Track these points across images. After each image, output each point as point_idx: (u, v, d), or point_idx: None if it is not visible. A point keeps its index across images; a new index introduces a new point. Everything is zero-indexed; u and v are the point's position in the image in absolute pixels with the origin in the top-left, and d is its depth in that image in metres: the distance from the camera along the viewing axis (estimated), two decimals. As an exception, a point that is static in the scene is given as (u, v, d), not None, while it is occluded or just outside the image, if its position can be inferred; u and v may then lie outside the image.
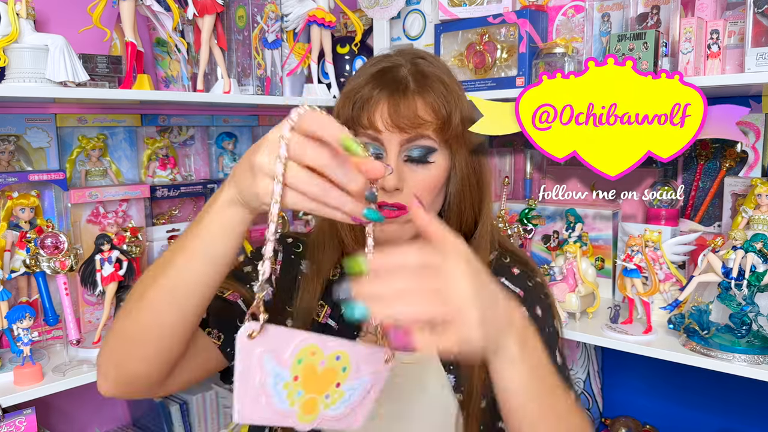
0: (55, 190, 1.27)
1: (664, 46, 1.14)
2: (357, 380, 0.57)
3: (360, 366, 0.57)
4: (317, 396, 0.56)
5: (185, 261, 0.65)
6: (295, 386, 0.55)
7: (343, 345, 0.56)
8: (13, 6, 1.05)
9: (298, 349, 0.54)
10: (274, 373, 0.54)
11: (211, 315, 0.88)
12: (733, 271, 1.04)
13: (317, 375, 0.55)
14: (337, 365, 0.56)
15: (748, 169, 1.34)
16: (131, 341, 0.70)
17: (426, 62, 0.87)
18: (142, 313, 0.68)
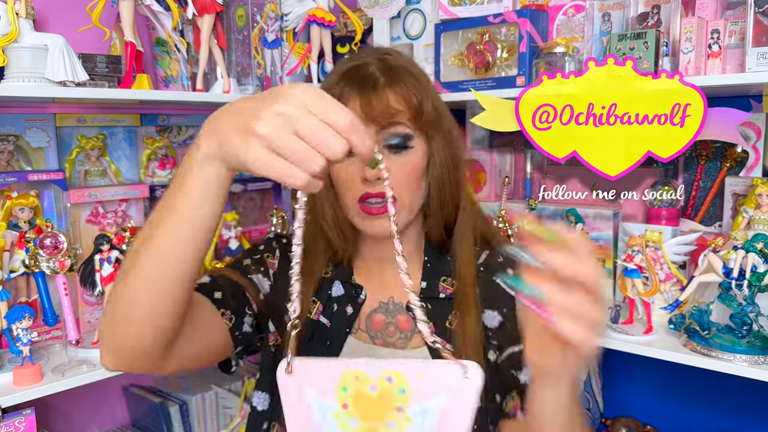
0: (55, 190, 1.27)
1: (664, 45, 1.14)
2: (425, 402, 0.50)
3: (423, 386, 0.50)
4: (377, 423, 0.51)
5: (172, 226, 0.64)
6: (346, 415, 0.51)
7: (393, 364, 0.51)
8: (13, 5, 1.04)
9: (338, 377, 0.51)
10: (318, 404, 0.52)
11: (225, 296, 0.89)
12: (734, 271, 1.04)
13: (371, 401, 0.51)
14: (391, 388, 0.51)
15: (749, 169, 1.33)
16: (124, 313, 0.69)
17: (392, 57, 0.90)
18: (132, 282, 0.67)
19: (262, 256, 0.99)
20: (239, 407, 1.51)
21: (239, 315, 0.90)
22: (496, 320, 0.90)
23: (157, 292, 0.67)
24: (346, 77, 0.87)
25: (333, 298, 0.94)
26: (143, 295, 0.67)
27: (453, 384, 0.49)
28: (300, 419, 0.52)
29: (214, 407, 1.57)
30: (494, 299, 0.91)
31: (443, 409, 0.50)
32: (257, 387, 0.97)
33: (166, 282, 0.66)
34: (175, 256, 0.65)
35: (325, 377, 0.52)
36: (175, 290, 0.68)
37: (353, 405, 0.51)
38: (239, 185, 1.55)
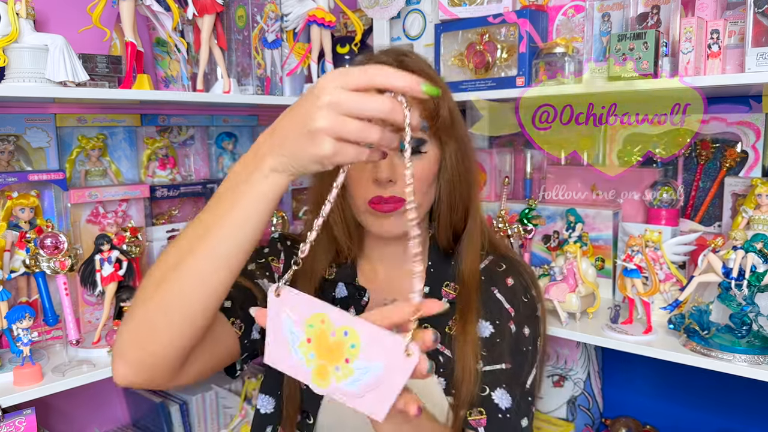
0: (55, 190, 1.27)
1: (664, 46, 1.14)
2: (367, 362, 0.56)
3: (370, 349, 0.56)
4: (327, 364, 0.57)
5: (219, 235, 0.65)
6: (308, 348, 0.58)
7: (352, 322, 0.56)
8: (13, 6, 1.04)
9: (309, 315, 0.58)
10: (291, 331, 0.59)
11: (234, 305, 0.89)
12: (734, 271, 1.04)
13: (328, 344, 0.57)
14: (345, 340, 0.56)
15: (749, 169, 1.34)
16: (156, 323, 0.69)
17: (410, 59, 0.90)
18: (168, 294, 0.67)
19: (266, 259, 0.99)
20: (239, 407, 1.51)
21: (248, 323, 0.90)
22: (487, 331, 0.90)
23: (191, 310, 0.68)
24: None
25: (337, 300, 0.94)
26: (176, 313, 0.68)
27: (394, 356, 0.55)
28: (279, 340, 0.60)
29: (214, 407, 1.57)
30: (489, 311, 0.91)
31: (380, 374, 0.56)
32: (262, 389, 0.97)
33: (204, 300, 0.67)
34: (216, 273, 0.66)
35: (301, 310, 0.58)
36: (209, 308, 0.69)
37: (314, 342, 0.58)
38: (239, 185, 1.55)
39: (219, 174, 1.63)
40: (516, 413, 0.85)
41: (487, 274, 0.94)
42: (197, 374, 0.80)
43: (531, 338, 0.91)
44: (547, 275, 1.31)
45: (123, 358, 0.72)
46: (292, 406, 0.91)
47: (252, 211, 0.64)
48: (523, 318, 0.92)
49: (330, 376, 0.58)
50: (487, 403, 0.85)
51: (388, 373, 0.55)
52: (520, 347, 0.90)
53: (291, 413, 0.91)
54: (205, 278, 0.66)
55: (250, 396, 1.49)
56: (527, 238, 1.42)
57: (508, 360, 0.87)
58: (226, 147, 1.64)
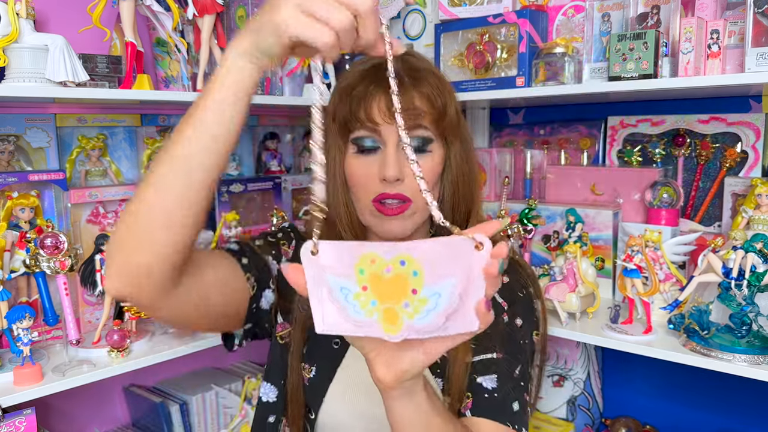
0: (55, 190, 1.27)
1: (664, 46, 1.14)
2: (438, 283, 0.51)
3: (435, 267, 0.51)
4: (394, 305, 0.53)
5: (196, 130, 0.65)
6: (366, 297, 0.53)
7: (405, 249, 0.52)
8: (13, 6, 1.05)
9: (356, 260, 0.53)
10: (340, 286, 0.54)
11: (250, 263, 0.90)
12: (733, 271, 1.04)
13: (386, 283, 0.52)
14: (404, 270, 0.52)
15: (748, 169, 1.34)
16: (138, 224, 0.69)
17: (415, 59, 0.90)
18: (149, 191, 0.68)
19: (278, 241, 0.99)
20: (239, 407, 1.51)
21: (261, 287, 0.91)
22: None
23: (174, 198, 0.67)
24: (370, 75, 0.87)
25: None
26: (159, 201, 0.67)
27: (466, 260, 0.51)
28: (329, 302, 0.54)
29: (214, 407, 1.57)
30: None
31: (456, 290, 0.51)
32: (265, 378, 0.97)
33: (185, 188, 0.67)
34: (197, 160, 0.66)
35: (345, 259, 0.53)
36: (193, 198, 0.67)
37: (371, 287, 0.53)
38: (239, 185, 1.55)
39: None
40: (503, 395, 0.84)
41: None
42: (189, 302, 0.78)
43: (524, 330, 0.91)
44: (547, 275, 1.31)
45: (111, 265, 0.72)
46: (296, 402, 0.91)
47: (217, 103, 0.64)
48: (517, 310, 0.92)
49: (400, 317, 0.53)
50: (472, 385, 0.84)
51: (464, 283, 0.51)
52: (511, 339, 0.89)
53: (296, 409, 0.91)
54: (179, 177, 0.66)
55: (250, 396, 1.49)
56: (527, 238, 1.42)
57: (498, 351, 0.87)
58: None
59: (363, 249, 0.52)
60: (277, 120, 1.76)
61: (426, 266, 0.51)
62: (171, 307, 0.76)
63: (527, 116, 1.69)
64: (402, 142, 0.58)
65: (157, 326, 1.31)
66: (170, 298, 0.74)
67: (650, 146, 1.46)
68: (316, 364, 0.91)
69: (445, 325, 0.53)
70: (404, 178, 0.84)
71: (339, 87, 0.90)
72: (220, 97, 0.64)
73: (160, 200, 0.67)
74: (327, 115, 0.91)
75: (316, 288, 0.55)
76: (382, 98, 0.84)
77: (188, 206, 0.68)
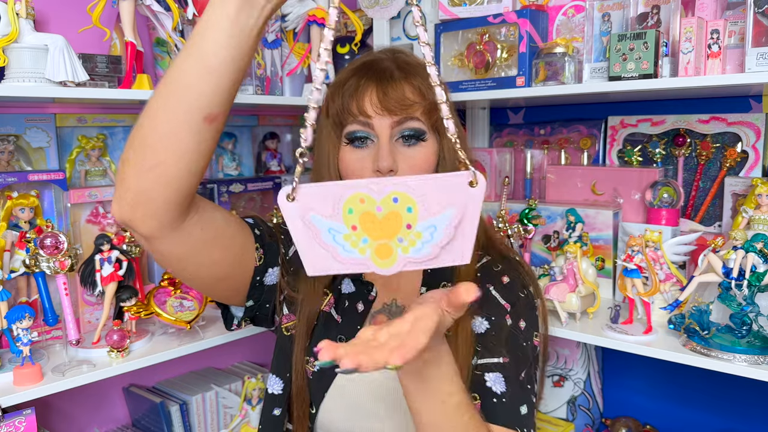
0: (55, 190, 1.27)
1: (664, 46, 1.14)
2: (433, 217, 0.52)
3: (429, 201, 0.52)
4: (388, 241, 0.53)
5: (183, 57, 0.67)
6: (356, 235, 0.53)
7: (397, 185, 0.52)
8: (13, 6, 1.04)
9: (344, 200, 0.53)
10: (328, 228, 0.54)
11: (263, 236, 0.92)
12: (734, 271, 1.04)
13: (378, 221, 0.53)
14: (398, 207, 0.52)
15: (749, 169, 1.34)
16: (139, 148, 0.70)
17: (405, 55, 0.92)
18: (146, 116, 0.70)
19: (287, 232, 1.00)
20: (239, 407, 1.51)
21: (268, 262, 0.92)
22: (483, 327, 0.90)
23: (176, 121, 0.68)
24: (362, 70, 0.88)
25: (344, 295, 0.95)
26: (161, 123, 0.68)
27: (459, 196, 0.51)
28: (317, 247, 0.54)
29: (214, 407, 1.57)
30: (486, 306, 0.91)
31: (451, 222, 0.52)
32: (272, 370, 0.98)
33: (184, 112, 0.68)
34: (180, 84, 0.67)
35: (330, 200, 0.53)
36: (193, 122, 0.68)
37: (361, 226, 0.53)
38: (239, 185, 1.55)
39: (219, 174, 1.64)
40: (511, 398, 0.84)
41: (484, 272, 0.94)
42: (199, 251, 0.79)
43: (528, 332, 0.91)
44: (547, 275, 1.31)
45: (116, 189, 0.73)
46: (300, 397, 0.91)
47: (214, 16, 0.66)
48: (520, 312, 0.92)
49: (394, 251, 0.53)
50: (481, 388, 0.84)
51: (459, 215, 0.51)
52: (517, 340, 0.89)
53: (299, 403, 0.91)
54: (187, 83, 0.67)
55: (250, 396, 1.49)
56: (527, 238, 1.42)
57: (504, 353, 0.87)
58: (225, 147, 1.64)
59: (350, 189, 0.52)
60: (277, 120, 1.76)
61: (420, 201, 0.51)
62: (169, 242, 0.76)
63: (527, 116, 1.69)
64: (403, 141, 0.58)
65: (157, 326, 1.31)
66: (170, 234, 0.75)
67: (650, 146, 1.46)
68: None
69: (439, 255, 0.53)
70: (397, 169, 0.85)
71: (332, 84, 0.92)
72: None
73: (157, 123, 0.69)
74: (320, 112, 0.92)
75: (300, 234, 0.54)
76: (374, 91, 0.85)
77: (189, 131, 0.68)
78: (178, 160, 0.69)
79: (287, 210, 0.54)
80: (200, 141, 0.70)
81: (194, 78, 0.67)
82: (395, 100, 0.84)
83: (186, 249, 0.79)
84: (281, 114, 1.77)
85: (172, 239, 0.76)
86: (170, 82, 0.68)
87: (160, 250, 0.78)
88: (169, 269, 0.92)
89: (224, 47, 0.66)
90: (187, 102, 0.67)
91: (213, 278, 0.87)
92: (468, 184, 0.51)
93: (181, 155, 0.69)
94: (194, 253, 0.80)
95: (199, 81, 0.67)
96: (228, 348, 1.65)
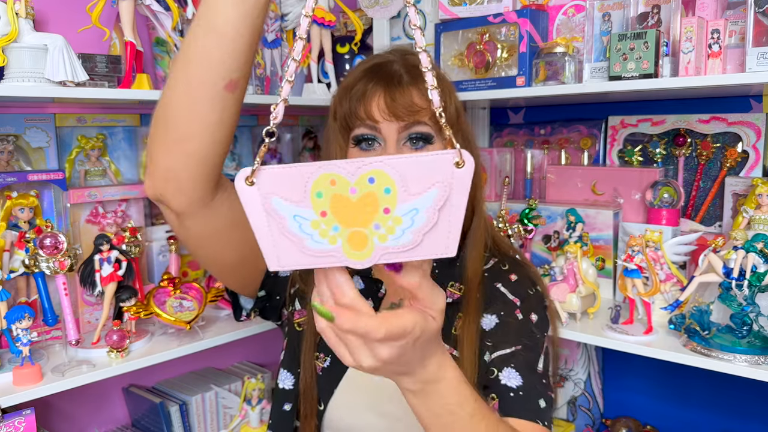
0: (54, 190, 1.27)
1: (664, 45, 1.14)
2: (415, 199, 0.46)
3: (410, 181, 0.46)
4: (363, 228, 0.47)
5: (194, 27, 0.68)
6: (326, 223, 0.47)
7: (374, 164, 0.46)
8: (13, 5, 1.04)
9: (310, 183, 0.46)
10: (293, 214, 0.47)
11: None
12: (734, 271, 1.04)
13: (351, 205, 0.46)
14: (374, 189, 0.46)
15: (749, 169, 1.34)
16: (163, 123, 0.71)
17: (414, 56, 0.91)
18: (167, 92, 0.70)
19: None
20: (239, 407, 1.51)
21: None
22: (493, 323, 0.90)
23: (197, 93, 0.68)
24: (370, 73, 0.88)
25: None
26: (182, 97, 0.69)
27: (444, 177, 0.46)
28: (281, 238, 0.48)
29: (214, 407, 1.57)
30: (494, 304, 0.91)
31: (434, 205, 0.46)
32: (282, 365, 0.98)
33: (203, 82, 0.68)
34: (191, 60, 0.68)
35: (297, 183, 0.46)
36: (214, 91, 0.68)
37: (332, 211, 0.47)
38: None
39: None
40: (529, 392, 0.84)
41: (492, 273, 0.95)
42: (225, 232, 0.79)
43: (539, 325, 0.92)
44: (547, 275, 1.31)
45: (150, 163, 0.74)
46: (309, 393, 0.91)
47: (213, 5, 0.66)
48: (530, 307, 0.92)
49: (369, 240, 0.47)
50: (496, 387, 0.84)
51: (443, 197, 0.46)
52: (529, 332, 0.90)
53: (308, 400, 0.91)
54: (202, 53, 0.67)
55: (250, 396, 1.49)
56: (527, 238, 1.42)
57: (516, 344, 0.87)
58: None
59: (319, 169, 0.46)
60: (277, 120, 1.76)
61: (400, 182, 0.46)
62: (198, 220, 0.77)
63: (527, 116, 1.69)
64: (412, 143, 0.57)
65: (156, 326, 1.31)
66: (200, 211, 0.76)
67: (651, 146, 1.46)
68: (331, 355, 0.91)
69: (422, 243, 0.48)
70: None
71: (340, 86, 0.92)
72: None
73: (178, 96, 0.69)
74: (329, 114, 0.92)
75: (261, 222, 0.48)
76: (382, 96, 0.85)
77: (211, 101, 0.69)
78: (203, 131, 0.70)
79: (246, 194, 0.47)
80: (223, 110, 0.70)
81: (208, 46, 0.67)
82: (403, 105, 0.84)
83: (213, 227, 0.80)
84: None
85: (201, 217, 0.77)
86: (185, 54, 0.68)
87: (189, 226, 0.79)
88: (191, 250, 0.92)
89: (233, 10, 0.65)
90: (205, 72, 0.68)
91: (232, 262, 0.87)
92: (454, 164, 0.46)
93: (206, 127, 0.70)
94: (220, 232, 0.81)
95: (213, 48, 0.67)
96: (228, 348, 1.65)
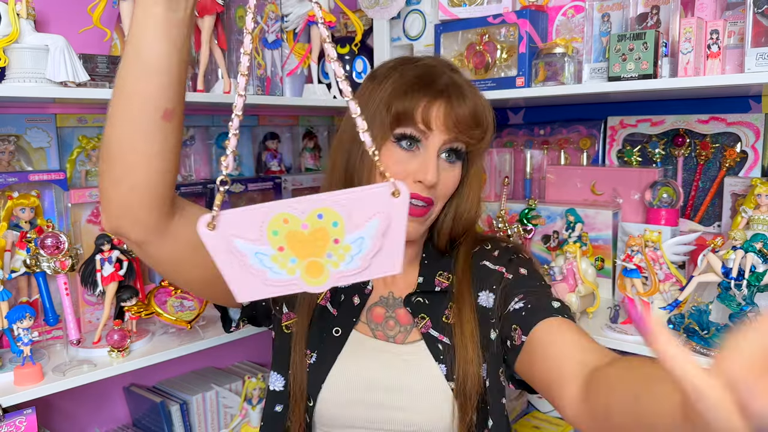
0: (56, 190, 1.27)
1: (663, 46, 1.14)
2: (360, 230, 0.52)
3: (355, 215, 0.52)
4: (317, 258, 0.53)
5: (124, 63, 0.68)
6: (284, 256, 0.53)
7: (319, 202, 0.52)
8: (14, 6, 1.05)
9: (267, 222, 0.52)
10: (253, 252, 0.53)
11: None
12: (733, 271, 1.04)
13: (305, 239, 0.53)
14: (323, 223, 0.52)
15: (748, 169, 1.34)
16: (108, 159, 0.71)
17: (458, 74, 0.93)
18: (108, 129, 0.70)
19: None
20: (239, 407, 1.52)
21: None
22: (491, 299, 0.93)
23: (135, 126, 0.68)
24: (426, 78, 0.88)
25: (340, 289, 0.96)
26: (122, 131, 0.69)
27: (384, 207, 0.52)
28: (244, 273, 0.54)
29: (214, 407, 1.57)
30: (485, 280, 0.94)
31: (378, 231, 0.52)
32: (272, 367, 0.98)
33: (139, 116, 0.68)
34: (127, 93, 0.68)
35: (253, 224, 0.52)
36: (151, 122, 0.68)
37: (288, 246, 0.53)
38: (239, 185, 1.56)
39: (219, 174, 1.63)
40: (539, 299, 0.88)
41: (477, 254, 0.98)
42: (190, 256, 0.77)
43: (532, 275, 0.95)
44: (546, 275, 1.31)
45: (103, 199, 0.73)
46: (299, 388, 0.91)
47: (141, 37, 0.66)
48: (515, 265, 0.95)
49: (324, 267, 0.54)
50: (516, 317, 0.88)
51: (384, 225, 0.52)
52: (525, 282, 0.93)
53: (298, 395, 0.91)
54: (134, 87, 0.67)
55: (250, 396, 1.49)
56: (527, 238, 1.42)
57: (518, 295, 0.91)
58: (226, 147, 1.64)
59: (272, 211, 0.52)
60: (277, 120, 1.76)
61: (345, 215, 0.52)
62: (160, 246, 0.76)
63: (527, 116, 1.69)
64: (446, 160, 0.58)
65: (157, 326, 1.32)
66: (159, 237, 0.75)
67: (650, 146, 1.47)
68: (317, 351, 0.92)
69: (370, 266, 0.54)
70: (438, 184, 0.88)
71: (392, 80, 0.89)
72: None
73: (117, 132, 0.69)
74: (374, 100, 0.89)
75: (226, 260, 0.54)
76: (442, 107, 0.86)
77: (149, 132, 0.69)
78: (147, 163, 0.70)
79: (209, 239, 0.53)
80: (164, 139, 0.70)
81: (138, 80, 0.67)
82: (459, 122, 0.86)
83: (177, 251, 0.78)
84: (281, 114, 1.77)
85: (162, 243, 0.76)
86: (119, 91, 0.69)
87: (153, 255, 0.78)
88: (165, 275, 0.92)
89: (158, 44, 0.66)
90: (140, 105, 0.68)
91: (205, 280, 0.85)
92: (390, 194, 0.52)
93: (148, 158, 0.70)
94: (185, 255, 0.79)
95: (144, 82, 0.67)
96: (228, 348, 1.65)
